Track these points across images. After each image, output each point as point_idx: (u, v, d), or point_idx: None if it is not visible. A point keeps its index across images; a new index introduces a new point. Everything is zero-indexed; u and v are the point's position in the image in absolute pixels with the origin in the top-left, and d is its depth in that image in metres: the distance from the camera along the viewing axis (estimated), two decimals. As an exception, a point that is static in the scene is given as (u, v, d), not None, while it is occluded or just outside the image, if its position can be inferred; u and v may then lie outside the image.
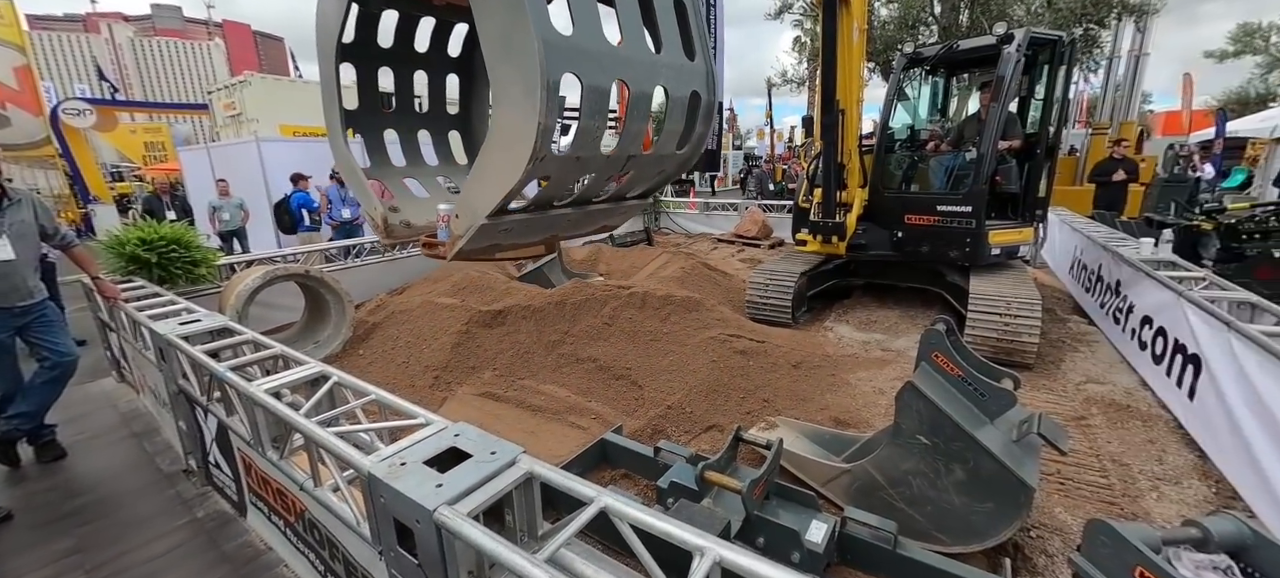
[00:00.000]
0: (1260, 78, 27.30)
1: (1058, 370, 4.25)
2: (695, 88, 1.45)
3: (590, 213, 1.68)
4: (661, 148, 1.53)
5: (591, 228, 1.79)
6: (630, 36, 1.28)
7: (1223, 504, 2.65)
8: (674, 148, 1.55)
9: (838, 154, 5.01)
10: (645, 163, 1.58)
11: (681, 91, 1.44)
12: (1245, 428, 2.51)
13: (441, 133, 3.25)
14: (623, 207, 1.69)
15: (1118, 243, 4.95)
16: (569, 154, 1.41)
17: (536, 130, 1.27)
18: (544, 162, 1.33)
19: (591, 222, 1.69)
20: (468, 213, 1.54)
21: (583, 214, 1.67)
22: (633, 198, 1.71)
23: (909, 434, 2.29)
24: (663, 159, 1.58)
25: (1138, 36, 12.84)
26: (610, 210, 1.70)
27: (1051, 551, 2.38)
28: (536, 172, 1.36)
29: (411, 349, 4.52)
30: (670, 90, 1.42)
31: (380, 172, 2.59)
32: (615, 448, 2.99)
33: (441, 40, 2.73)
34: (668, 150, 1.52)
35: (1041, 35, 4.96)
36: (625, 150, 1.45)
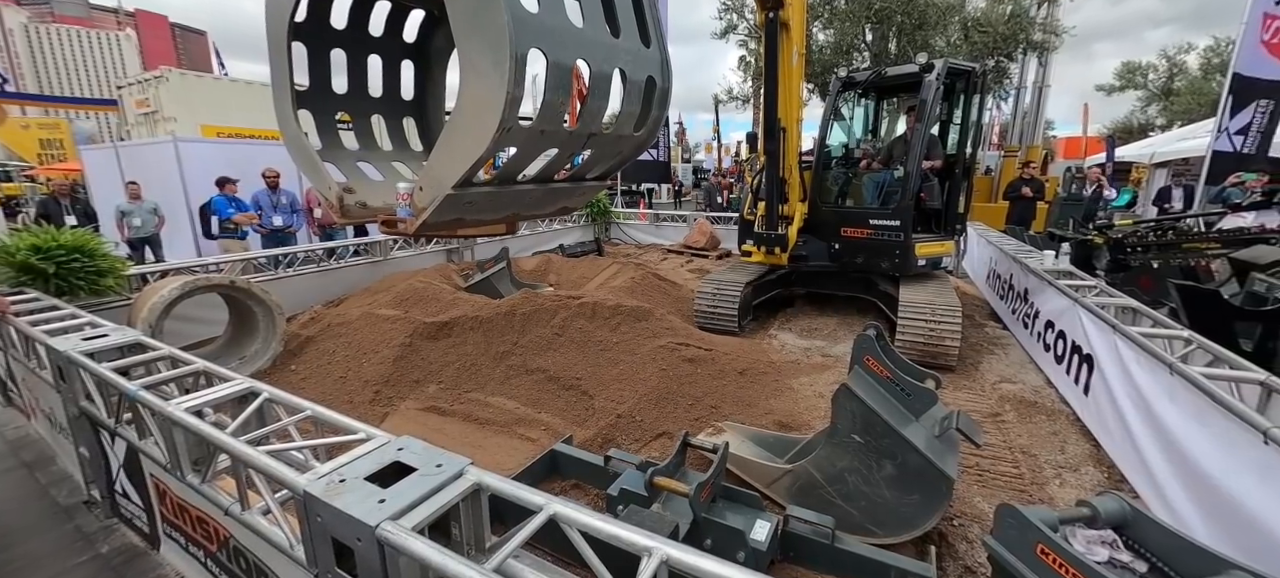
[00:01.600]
0: (1141, 110, 30.97)
1: (976, 371, 4.62)
2: (651, 73, 1.54)
3: (552, 191, 1.75)
4: (620, 128, 1.63)
5: (553, 208, 1.81)
6: (591, 19, 1.38)
7: (1113, 488, 2.97)
8: (631, 129, 1.64)
9: (779, 169, 5.26)
10: (605, 142, 1.68)
11: (638, 75, 1.54)
12: (1129, 419, 2.84)
13: (396, 118, 3.14)
14: (582, 187, 1.76)
15: (1025, 255, 5.46)
16: (535, 127, 1.47)
17: (505, 101, 1.33)
18: (511, 133, 1.41)
19: (553, 200, 1.76)
20: (433, 185, 1.57)
21: (545, 192, 1.74)
22: (592, 179, 1.79)
23: (844, 434, 2.44)
24: (621, 139, 1.67)
25: (1041, 70, 14.28)
26: (571, 190, 1.77)
27: (971, 536, 2.58)
28: (503, 142, 1.44)
29: (350, 364, 4.31)
30: (628, 73, 1.51)
31: (332, 154, 2.47)
32: (566, 458, 2.98)
33: (397, 26, 2.68)
34: (626, 132, 1.62)
35: (958, 66, 5.44)
36: (587, 128, 1.54)
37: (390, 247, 7.30)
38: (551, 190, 1.73)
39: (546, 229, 10.40)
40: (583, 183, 1.72)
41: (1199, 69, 27.30)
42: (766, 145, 5.27)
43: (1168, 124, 26.65)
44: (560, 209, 1.88)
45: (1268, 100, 7.62)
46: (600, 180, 1.81)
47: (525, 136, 1.47)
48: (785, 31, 4.87)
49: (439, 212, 1.61)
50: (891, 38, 11.89)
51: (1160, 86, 29.28)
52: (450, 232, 1.75)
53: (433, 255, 7.98)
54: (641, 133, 1.62)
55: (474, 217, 1.70)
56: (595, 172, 1.78)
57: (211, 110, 10.17)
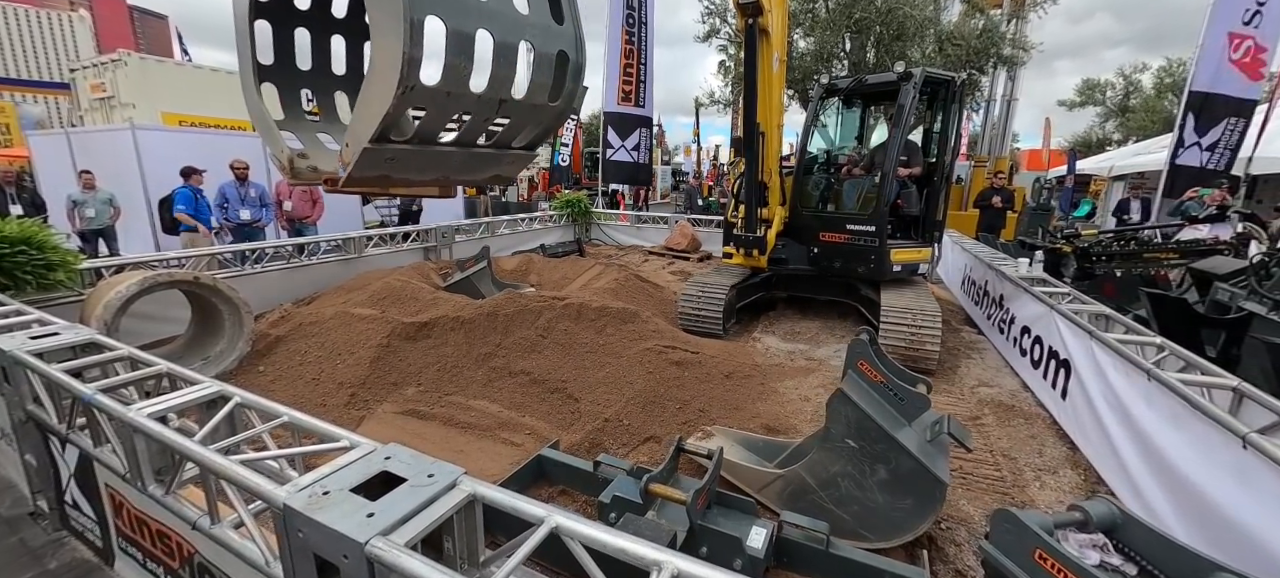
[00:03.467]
0: (1099, 125, 32.45)
1: (955, 375, 4.72)
2: (563, 48, 1.68)
3: (477, 156, 1.86)
4: (534, 97, 1.74)
5: (485, 174, 1.98)
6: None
7: (1090, 489, 3.05)
8: (546, 99, 1.75)
9: (759, 173, 5.31)
10: (520, 110, 1.78)
11: (549, 49, 1.68)
12: (1107, 423, 2.93)
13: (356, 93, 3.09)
14: (508, 154, 1.90)
15: (1000, 262, 5.61)
16: (439, 88, 1.58)
17: (402, 61, 1.45)
18: (414, 92, 1.53)
19: (482, 166, 1.90)
20: (354, 141, 1.70)
21: (468, 156, 1.84)
22: (518, 147, 1.91)
23: (838, 438, 2.43)
24: (537, 108, 1.78)
25: (1009, 83, 14.80)
26: (497, 156, 1.89)
27: (959, 540, 2.60)
28: (408, 100, 1.56)
29: (323, 365, 4.13)
30: (537, 45, 1.67)
31: (294, 124, 2.49)
32: (553, 464, 2.91)
33: (359, 8, 2.66)
34: (540, 101, 1.74)
35: (936, 75, 5.55)
36: (495, 94, 1.66)
37: (364, 244, 7.08)
38: (476, 155, 1.84)
39: (526, 229, 10.25)
40: (508, 150, 1.86)
41: (1153, 88, 28.72)
42: (745, 150, 5.34)
43: (1124, 139, 27.99)
44: (492, 176, 2.00)
45: (1237, 118, 8.00)
46: (528, 149, 1.93)
47: (430, 98, 1.60)
48: (765, 38, 4.92)
49: (360, 166, 1.72)
50: (870, 47, 12.14)
51: (1117, 103, 30.72)
52: (382, 188, 1.93)
53: (410, 253, 7.77)
54: (558, 103, 1.76)
55: (400, 175, 1.81)
56: (520, 140, 1.89)
57: (174, 97, 9.69)
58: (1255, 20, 7.82)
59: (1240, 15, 7.84)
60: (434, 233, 8.22)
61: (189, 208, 6.63)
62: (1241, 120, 8.01)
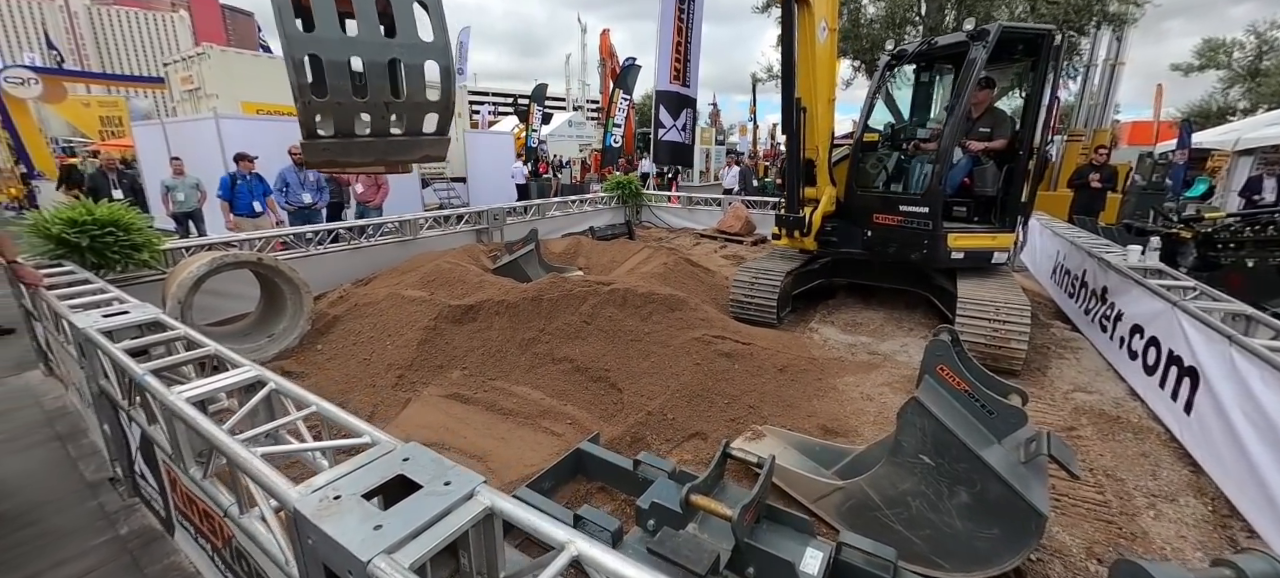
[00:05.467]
0: (1222, 92, 28.39)
1: (1044, 377, 4.18)
2: (432, 58, 2.13)
3: (398, 142, 2.26)
4: (414, 97, 2.18)
5: (413, 155, 2.38)
6: (366, 28, 2.04)
7: (1220, 523, 2.56)
8: (425, 97, 2.19)
9: (802, 150, 4.91)
10: (408, 107, 2.22)
11: (417, 60, 2.13)
12: (1250, 448, 2.43)
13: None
14: (425, 139, 2.29)
15: (1103, 249, 4.92)
16: (330, 100, 2.09)
17: (294, 86, 2.01)
18: (311, 105, 2.07)
19: (407, 150, 2.31)
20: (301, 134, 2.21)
21: (390, 142, 2.25)
22: (429, 133, 2.29)
23: (910, 453, 2.12)
24: (420, 105, 2.23)
25: (1114, 45, 13.08)
26: (416, 142, 2.29)
27: (1053, 576, 2.24)
28: (313, 109, 2.07)
29: (374, 345, 4.21)
30: (405, 60, 2.11)
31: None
32: (591, 459, 2.77)
33: None
34: (422, 100, 2.19)
35: (1019, 30, 4.82)
36: (378, 98, 2.12)
37: (420, 226, 7.22)
38: (396, 142, 2.26)
39: (577, 211, 10.19)
40: (422, 136, 2.28)
41: (1293, 46, 24.73)
42: (785, 126, 4.98)
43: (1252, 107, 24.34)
44: (422, 156, 2.41)
45: None
46: (439, 134, 2.32)
47: (326, 107, 2.10)
48: (805, 5, 4.50)
49: (308, 155, 2.25)
50: (949, 9, 11.04)
51: (1246, 66, 26.71)
52: (339, 168, 2.72)
53: (462, 235, 7.88)
54: (439, 99, 2.23)
55: (343, 159, 2.28)
56: (428, 128, 2.29)
57: (252, 87, 10.29)
58: None
59: None
60: (485, 215, 8.29)
61: (225, 194, 6.98)
62: None
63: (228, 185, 7.04)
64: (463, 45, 24.85)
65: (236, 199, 7.08)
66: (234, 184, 7.04)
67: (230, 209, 7.08)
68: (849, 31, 12.27)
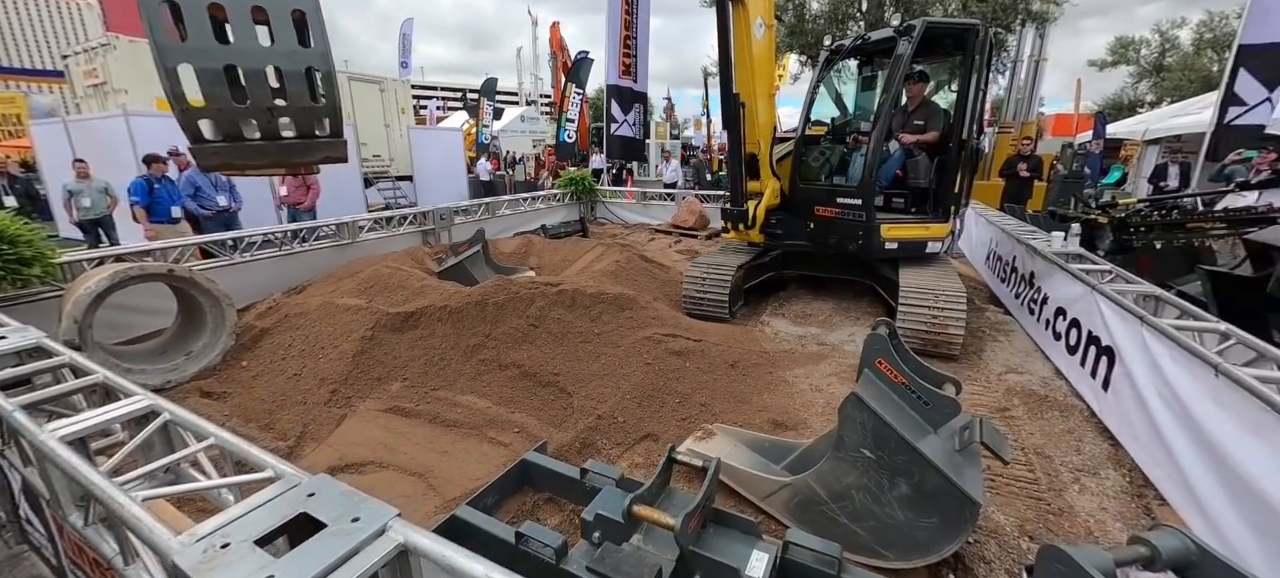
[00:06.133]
0: (1132, 86, 30.81)
1: (980, 360, 4.37)
2: (311, 64, 2.14)
3: (292, 144, 2.24)
4: (298, 101, 2.18)
5: (312, 156, 2.37)
6: (242, 36, 2.03)
7: (1136, 493, 2.73)
8: (310, 101, 2.19)
9: (742, 144, 4.97)
10: (294, 111, 2.21)
11: (297, 66, 2.14)
12: (1160, 422, 2.59)
13: None
14: (320, 142, 2.28)
15: (1030, 236, 5.18)
16: (210, 107, 2.07)
17: (169, 94, 1.99)
18: (189, 112, 2.04)
19: (304, 152, 2.29)
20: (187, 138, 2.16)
21: (280, 147, 2.23)
22: (323, 136, 2.27)
23: (852, 448, 2.14)
24: (307, 109, 2.22)
25: (1037, 42, 13.92)
26: (311, 144, 2.27)
27: (989, 556, 2.32)
28: (189, 117, 2.05)
29: (305, 359, 3.94)
30: (285, 67, 2.12)
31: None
32: (538, 469, 2.66)
33: None
34: (305, 103, 2.18)
35: (944, 24, 4.99)
36: (262, 103, 2.11)
37: (360, 228, 6.85)
38: (290, 144, 2.24)
39: (529, 209, 9.96)
40: (316, 138, 2.28)
41: (1191, 44, 27.09)
42: (725, 122, 5.04)
43: (1158, 100, 26.53)
44: (322, 157, 2.37)
45: None
46: (333, 136, 2.31)
47: (206, 112, 2.08)
48: (739, 4, 4.55)
49: (198, 159, 2.19)
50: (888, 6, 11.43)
51: (1151, 62, 29.08)
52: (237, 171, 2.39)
53: (407, 237, 7.54)
54: (322, 102, 2.24)
55: (239, 162, 2.21)
56: (320, 131, 2.29)
57: (167, 82, 9.51)
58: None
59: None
60: (432, 215, 7.96)
61: (142, 199, 6.40)
62: None
63: (144, 189, 6.43)
64: (406, 38, 23.86)
65: (154, 204, 6.48)
66: (151, 188, 6.45)
67: (147, 216, 6.48)
68: (795, 26, 12.53)
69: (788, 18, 12.53)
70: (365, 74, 13.21)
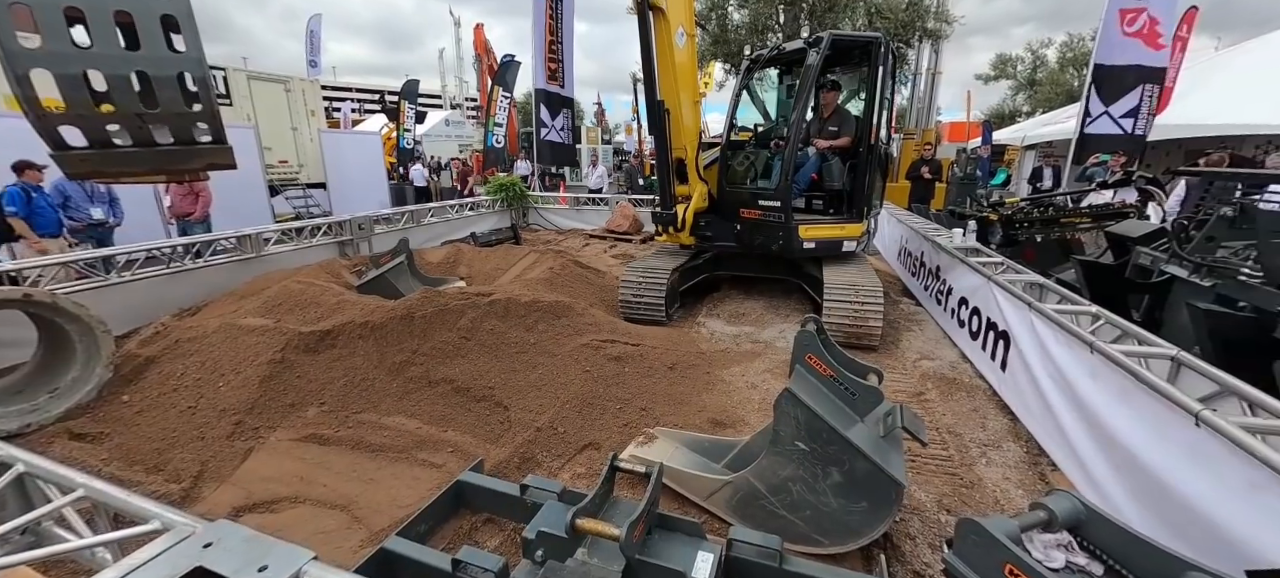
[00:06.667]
0: (1011, 97, 34.69)
1: (897, 349, 4.70)
2: (182, 70, 2.06)
3: (170, 151, 2.15)
4: (170, 107, 2.08)
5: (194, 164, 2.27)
6: (102, 43, 1.91)
7: (1034, 461, 3.04)
8: (184, 107, 2.11)
9: (669, 149, 5.12)
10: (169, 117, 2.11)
11: (167, 72, 2.05)
12: (1049, 396, 2.90)
13: None
14: (202, 148, 2.19)
15: (934, 233, 5.66)
16: (71, 112, 1.95)
17: (22, 100, 1.85)
18: (45, 119, 1.92)
19: (185, 159, 2.21)
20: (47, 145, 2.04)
21: (160, 154, 2.14)
22: (204, 142, 2.20)
23: (788, 441, 2.21)
24: (181, 115, 2.13)
25: (933, 56, 15.33)
26: (191, 151, 2.19)
27: (913, 532, 2.48)
28: (46, 122, 1.93)
29: (202, 389, 3.53)
30: (152, 72, 2.02)
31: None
32: (475, 489, 2.53)
33: None
34: (179, 108, 2.09)
35: (851, 38, 5.36)
36: (128, 109, 2.00)
37: (263, 241, 6.26)
38: (168, 151, 2.16)
39: (458, 216, 9.57)
40: (197, 145, 2.21)
41: (1057, 62, 30.88)
42: (651, 128, 5.17)
43: (1032, 111, 30.00)
44: (206, 165, 2.27)
45: (1151, 84, 8.34)
46: (216, 143, 2.21)
47: (69, 119, 1.96)
48: (660, 15, 4.68)
49: (63, 167, 2.05)
50: (803, 19, 12.12)
51: (1026, 77, 32.85)
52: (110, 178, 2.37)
53: (321, 249, 6.98)
54: (198, 107, 2.17)
55: (112, 169, 2.12)
56: (201, 137, 2.23)
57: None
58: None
59: (1129, -9, 8.28)
60: (349, 225, 7.42)
61: (20, 210, 5.55)
62: (1156, 86, 8.41)
63: (20, 199, 5.54)
64: (314, 35, 22.20)
65: (36, 215, 5.61)
66: (29, 198, 5.56)
67: (31, 228, 5.58)
68: (719, 36, 12.99)
69: (711, 27, 12.96)
70: (268, 73, 12.13)
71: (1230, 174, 5.47)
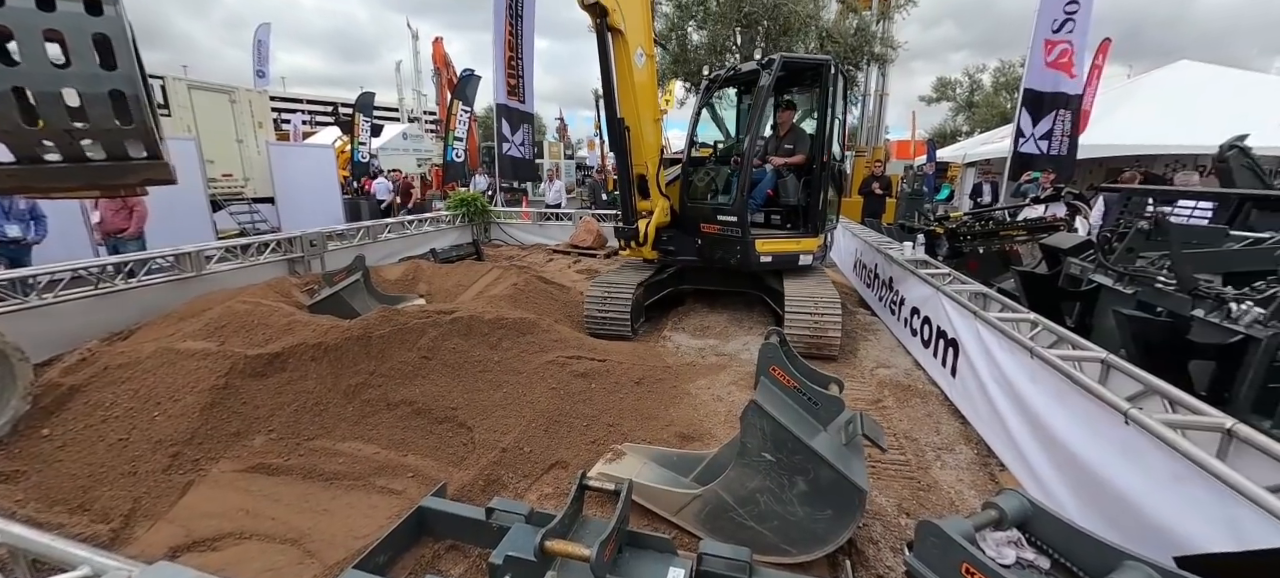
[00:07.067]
0: (952, 117, 36.92)
1: (855, 358, 4.87)
2: (116, 87, 2.00)
3: (104, 168, 2.09)
4: (102, 124, 2.03)
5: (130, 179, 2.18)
6: (32, 60, 1.85)
7: (984, 462, 3.19)
8: (117, 124, 2.06)
9: (630, 166, 5.23)
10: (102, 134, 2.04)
11: (99, 89, 1.98)
12: (995, 399, 3.06)
13: None
14: (137, 164, 2.12)
15: (887, 246, 5.92)
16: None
17: None
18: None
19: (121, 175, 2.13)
20: None
21: (92, 169, 2.08)
22: (140, 159, 2.12)
23: (754, 452, 2.25)
24: (113, 132, 2.08)
25: (881, 79, 16.16)
26: (125, 166, 2.11)
27: (875, 536, 2.55)
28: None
29: (135, 419, 3.27)
30: (83, 90, 1.97)
31: None
32: (437, 515, 2.45)
33: None
34: (111, 125, 2.04)
35: (801, 60, 5.61)
36: (58, 126, 1.94)
37: (205, 259, 5.91)
38: (102, 167, 2.10)
39: (416, 232, 9.33)
40: (130, 161, 2.12)
41: (991, 86, 33.11)
42: (613, 145, 5.27)
43: (971, 130, 31.98)
44: (143, 180, 2.19)
45: (1064, 110, 9.19)
46: (151, 159, 2.12)
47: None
48: (619, 36, 4.79)
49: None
50: (759, 41, 12.56)
51: (964, 99, 35.06)
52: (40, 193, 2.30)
53: (269, 266, 6.65)
54: (133, 124, 2.11)
55: (42, 184, 2.07)
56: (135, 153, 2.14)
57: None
58: (1064, 28, 9.13)
59: (1051, 24, 9.11)
60: (299, 241, 7.11)
61: None
62: (1068, 112, 9.26)
63: None
64: (262, 44, 21.34)
65: None
66: None
67: None
68: (679, 55, 13.31)
69: (672, 47, 13.26)
70: (211, 83, 11.55)
71: (1144, 191, 5.99)
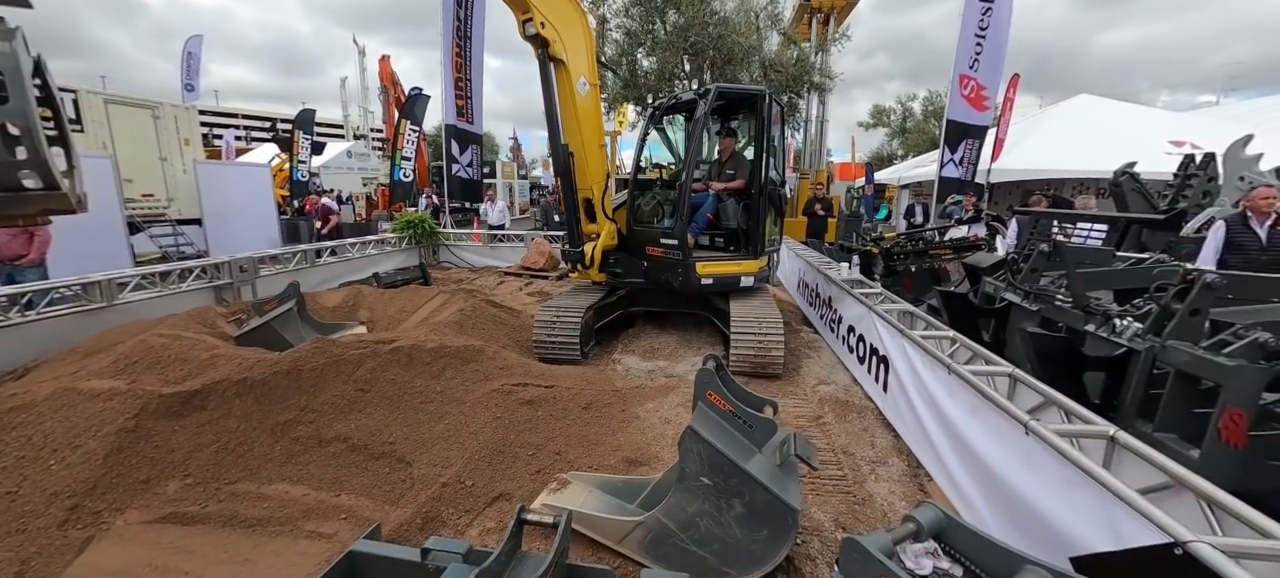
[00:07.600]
0: (888, 142, 39.33)
1: (799, 376, 5.04)
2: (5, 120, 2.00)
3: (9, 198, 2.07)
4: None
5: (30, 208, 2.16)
6: None
7: (914, 473, 3.36)
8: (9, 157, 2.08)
9: (575, 191, 5.34)
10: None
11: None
12: (921, 413, 3.25)
13: None
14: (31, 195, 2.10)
15: (826, 266, 6.20)
16: None
17: None
18: None
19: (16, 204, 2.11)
20: None
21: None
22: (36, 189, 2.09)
23: (693, 477, 2.29)
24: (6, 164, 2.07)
25: (821, 106, 17.05)
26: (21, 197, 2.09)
27: (812, 552, 2.64)
28: None
29: (26, 468, 2.96)
30: None
31: None
32: (369, 559, 2.33)
33: None
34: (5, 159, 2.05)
35: (737, 90, 5.89)
36: None
37: (118, 288, 5.47)
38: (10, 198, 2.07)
39: (359, 255, 8.99)
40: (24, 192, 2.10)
41: (921, 113, 35.60)
42: (557, 170, 5.36)
43: (905, 154, 34.14)
44: (40, 210, 2.19)
45: (974, 139, 10.11)
46: (47, 189, 2.09)
47: None
48: (561, 66, 4.92)
49: None
50: (705, 69, 13.01)
51: (898, 126, 37.49)
52: None
53: (193, 294, 6.23)
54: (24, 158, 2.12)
55: None
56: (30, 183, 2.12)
57: None
58: (975, 65, 10.05)
59: (967, 61, 10.00)
60: (228, 266, 6.70)
61: None
62: (977, 141, 10.21)
63: None
64: (192, 57, 20.20)
65: None
66: None
67: None
68: (629, 80, 13.60)
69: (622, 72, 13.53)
70: (131, 97, 10.80)
71: (1050, 213, 6.57)
